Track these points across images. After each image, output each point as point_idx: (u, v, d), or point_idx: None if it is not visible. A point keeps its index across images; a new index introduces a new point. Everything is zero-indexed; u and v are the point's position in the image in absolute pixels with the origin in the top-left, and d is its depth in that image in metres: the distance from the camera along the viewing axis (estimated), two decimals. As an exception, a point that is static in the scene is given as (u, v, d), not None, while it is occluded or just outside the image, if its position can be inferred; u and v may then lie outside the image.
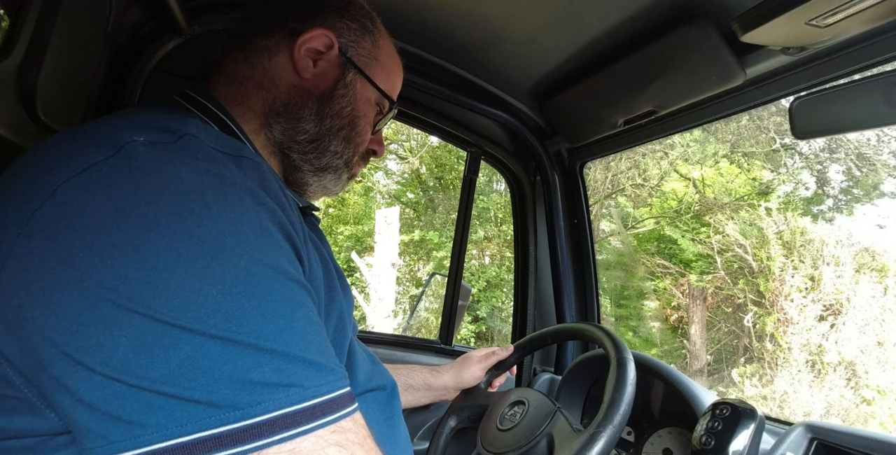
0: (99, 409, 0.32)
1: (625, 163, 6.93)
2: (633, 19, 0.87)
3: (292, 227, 0.45)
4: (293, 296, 0.40)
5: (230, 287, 0.36)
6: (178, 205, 0.36)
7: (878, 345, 4.84)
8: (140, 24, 0.86)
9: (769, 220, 5.65)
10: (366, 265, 6.94)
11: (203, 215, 0.37)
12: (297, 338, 0.38)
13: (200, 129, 0.43)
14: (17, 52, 0.55)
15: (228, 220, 0.38)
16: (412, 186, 8.20)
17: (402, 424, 0.67)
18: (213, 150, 0.41)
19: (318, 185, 0.65)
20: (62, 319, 0.33)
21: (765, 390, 5.14)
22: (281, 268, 0.40)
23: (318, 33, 0.59)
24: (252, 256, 0.38)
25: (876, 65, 0.75)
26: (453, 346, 1.35)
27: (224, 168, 0.41)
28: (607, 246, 7.08)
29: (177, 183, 0.37)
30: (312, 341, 0.40)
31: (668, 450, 0.92)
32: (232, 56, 0.60)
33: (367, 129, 0.66)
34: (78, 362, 0.32)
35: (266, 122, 0.58)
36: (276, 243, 0.41)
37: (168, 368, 0.33)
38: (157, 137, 0.40)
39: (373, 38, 0.65)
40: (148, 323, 0.33)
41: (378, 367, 0.67)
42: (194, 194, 0.37)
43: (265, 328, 0.37)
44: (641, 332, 6.76)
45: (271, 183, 0.44)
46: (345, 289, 0.59)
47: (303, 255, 0.46)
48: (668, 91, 0.96)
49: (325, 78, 0.60)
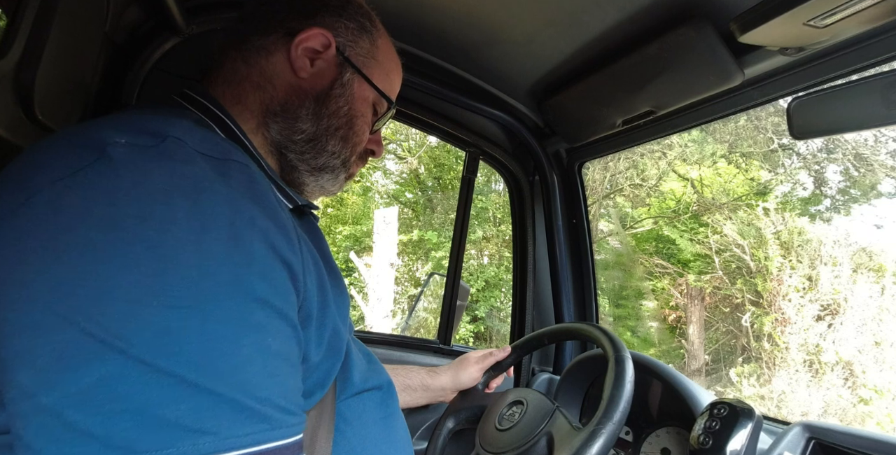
0: (15, 423, 0.31)
1: (623, 163, 6.94)
2: (631, 20, 0.87)
3: (282, 233, 0.42)
4: (250, 319, 0.36)
5: (174, 300, 0.33)
6: (141, 208, 0.34)
7: (876, 344, 4.86)
8: (138, 23, 0.86)
9: (767, 221, 5.67)
10: (364, 265, 6.93)
11: (166, 220, 0.35)
12: (234, 370, 0.34)
13: (188, 131, 0.42)
14: (15, 51, 0.55)
15: (193, 228, 0.35)
16: (411, 186, 8.20)
17: (401, 424, 0.67)
18: (196, 153, 0.40)
19: (315, 184, 0.64)
20: (4, 322, 0.32)
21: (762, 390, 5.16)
22: (245, 285, 0.37)
23: (316, 33, 0.58)
24: (209, 269, 0.35)
25: (874, 65, 0.76)
26: (452, 346, 1.35)
27: (204, 172, 0.39)
28: (606, 246, 7.09)
29: (147, 186, 0.36)
30: (255, 377, 0.35)
31: (667, 449, 0.92)
32: (229, 56, 0.59)
33: (365, 128, 0.65)
34: (8, 368, 0.31)
35: (263, 121, 0.58)
36: (247, 257, 0.38)
37: (77, 388, 0.30)
38: (139, 140, 0.38)
39: (371, 38, 0.64)
40: (73, 333, 0.31)
41: (375, 367, 0.67)
42: (161, 197, 0.35)
43: (198, 353, 0.33)
44: (640, 332, 6.78)
45: (260, 187, 0.42)
46: (341, 288, 0.59)
47: (295, 266, 0.42)
48: (666, 91, 0.96)
49: (323, 77, 0.60)
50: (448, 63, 1.15)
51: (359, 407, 0.59)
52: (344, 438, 0.54)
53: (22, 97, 0.57)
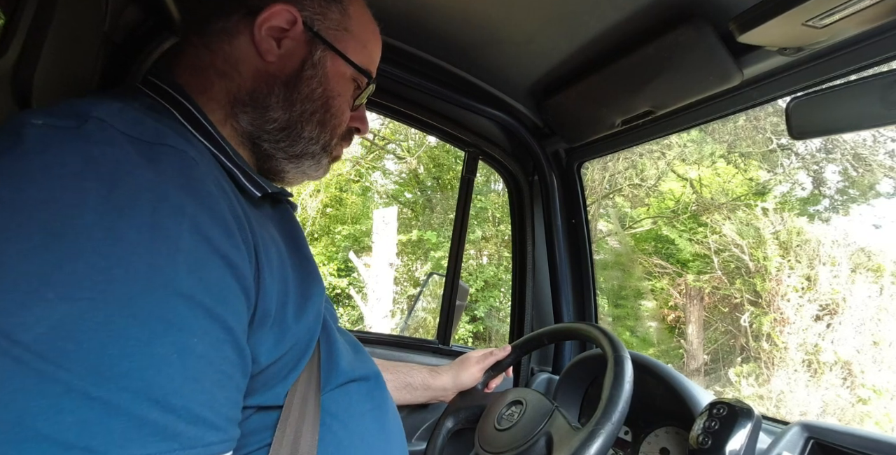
0: None
1: (622, 163, 6.94)
2: (630, 20, 0.87)
3: (219, 226, 0.38)
4: (170, 316, 0.32)
5: (73, 291, 0.29)
6: (49, 192, 0.31)
7: (874, 344, 4.86)
8: (137, 22, 0.86)
9: (766, 221, 5.67)
10: (363, 265, 6.93)
11: (74, 205, 0.31)
12: (140, 374, 0.30)
13: (115, 113, 0.38)
14: (13, 50, 0.54)
15: (105, 214, 0.32)
16: (410, 186, 8.20)
17: (392, 416, 0.63)
18: (121, 135, 0.36)
19: (296, 171, 0.60)
20: None
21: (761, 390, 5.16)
22: (166, 278, 0.33)
23: (279, 9, 0.52)
24: (121, 259, 0.31)
25: (872, 65, 0.76)
26: (451, 347, 1.35)
27: (126, 156, 0.35)
28: (605, 246, 7.10)
29: (57, 168, 0.32)
30: (170, 381, 0.31)
31: (666, 449, 0.92)
32: (191, 41, 0.55)
33: (345, 107, 0.60)
34: None
35: (232, 112, 0.53)
36: (170, 247, 0.34)
37: None
38: (58, 122, 0.36)
39: (340, 7, 0.58)
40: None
41: (362, 357, 0.64)
42: (71, 181, 0.32)
43: (95, 354, 0.29)
44: (639, 332, 6.78)
45: (196, 174, 0.39)
46: (314, 277, 0.55)
47: (238, 261, 0.39)
48: (665, 91, 0.96)
49: (292, 59, 0.55)
50: (447, 63, 1.15)
51: (345, 399, 0.55)
52: (331, 433, 0.51)
53: (20, 96, 0.57)
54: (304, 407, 0.49)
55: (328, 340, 0.58)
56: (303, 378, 0.51)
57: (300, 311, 0.49)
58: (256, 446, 0.46)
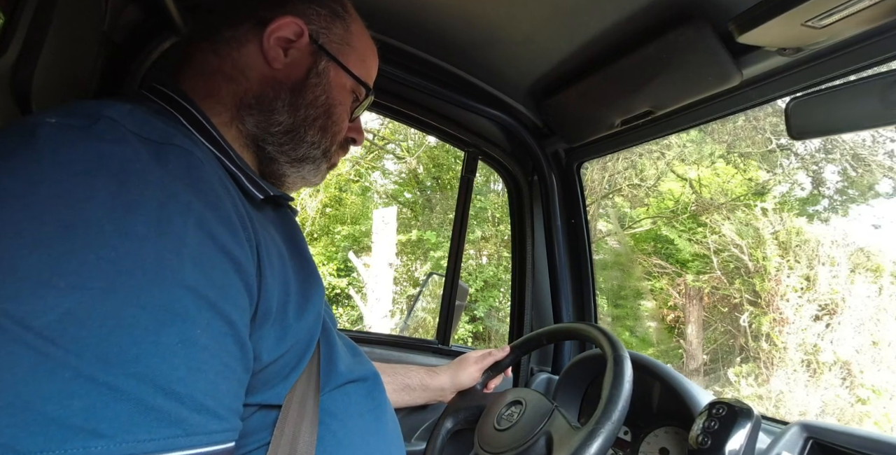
0: None
1: (622, 163, 6.95)
2: (630, 20, 0.87)
3: (223, 224, 0.39)
4: (176, 306, 0.33)
5: (84, 281, 0.31)
6: (61, 187, 0.33)
7: (874, 344, 4.87)
8: (137, 22, 0.86)
9: (765, 221, 5.68)
10: (363, 265, 6.93)
11: (84, 199, 0.33)
12: (146, 362, 0.31)
13: (126, 113, 0.40)
14: (13, 50, 0.54)
15: (114, 208, 0.33)
16: (409, 186, 8.19)
17: (390, 416, 0.65)
18: (131, 135, 0.38)
19: (296, 176, 0.63)
20: None
21: (761, 390, 5.16)
22: (173, 270, 0.34)
23: (288, 21, 0.56)
24: (130, 250, 0.33)
25: (872, 66, 0.76)
26: (451, 347, 1.35)
27: (136, 154, 0.37)
28: (604, 246, 7.10)
29: (68, 165, 0.34)
30: (175, 370, 0.32)
31: (665, 449, 0.92)
32: (199, 47, 0.57)
33: (344, 116, 0.64)
34: None
35: (238, 114, 0.56)
36: (177, 241, 0.35)
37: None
38: (71, 121, 0.37)
39: (344, 24, 0.62)
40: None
41: (360, 359, 0.66)
42: (83, 177, 0.34)
43: (104, 341, 0.30)
44: (638, 332, 6.78)
45: (202, 174, 0.40)
46: (314, 279, 0.56)
47: (242, 259, 0.40)
48: (664, 91, 0.96)
49: (297, 67, 0.58)
50: (447, 63, 1.15)
51: (344, 400, 0.57)
52: (330, 432, 0.52)
53: (20, 96, 0.57)
54: (303, 407, 0.50)
55: (328, 342, 0.59)
56: (302, 378, 0.51)
57: (301, 312, 0.50)
58: (255, 445, 0.46)
